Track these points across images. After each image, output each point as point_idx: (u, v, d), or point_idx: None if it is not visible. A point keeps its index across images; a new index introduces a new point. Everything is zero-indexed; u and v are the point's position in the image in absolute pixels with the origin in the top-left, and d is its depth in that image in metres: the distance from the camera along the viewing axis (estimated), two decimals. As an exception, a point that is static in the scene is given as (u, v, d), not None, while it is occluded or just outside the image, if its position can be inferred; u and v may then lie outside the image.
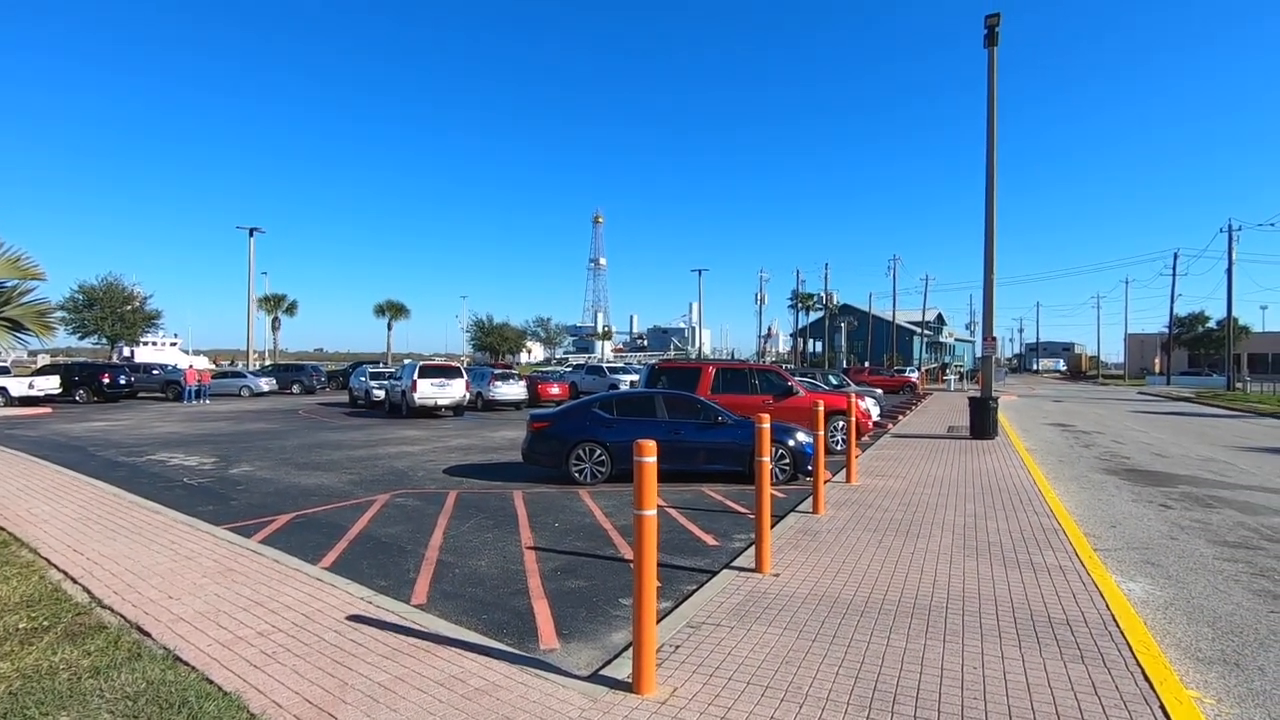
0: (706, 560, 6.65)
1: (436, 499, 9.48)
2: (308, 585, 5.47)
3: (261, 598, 5.16)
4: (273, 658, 4.13)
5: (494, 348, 76.72)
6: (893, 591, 5.46)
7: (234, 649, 4.25)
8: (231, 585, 5.43)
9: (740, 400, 14.01)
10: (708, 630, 4.67)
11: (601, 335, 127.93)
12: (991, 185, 17.44)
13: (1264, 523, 8.54)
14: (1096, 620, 4.87)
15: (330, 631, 4.53)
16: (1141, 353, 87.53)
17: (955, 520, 8.01)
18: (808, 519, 7.98)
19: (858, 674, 3.98)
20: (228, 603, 5.04)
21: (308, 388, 38.57)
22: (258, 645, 4.30)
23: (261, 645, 4.31)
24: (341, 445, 15.41)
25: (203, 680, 3.82)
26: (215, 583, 5.49)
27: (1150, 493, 10.50)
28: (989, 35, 16.98)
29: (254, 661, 4.07)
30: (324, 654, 4.19)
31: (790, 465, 10.77)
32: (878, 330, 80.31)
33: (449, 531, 7.69)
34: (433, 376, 22.81)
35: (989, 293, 17.98)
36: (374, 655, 4.17)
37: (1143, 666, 4.09)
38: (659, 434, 10.74)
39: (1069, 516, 8.43)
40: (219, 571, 5.78)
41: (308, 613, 4.86)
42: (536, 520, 8.26)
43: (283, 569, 5.88)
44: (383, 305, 59.68)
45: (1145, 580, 6.13)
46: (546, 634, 4.80)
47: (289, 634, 4.48)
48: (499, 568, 6.37)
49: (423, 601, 5.38)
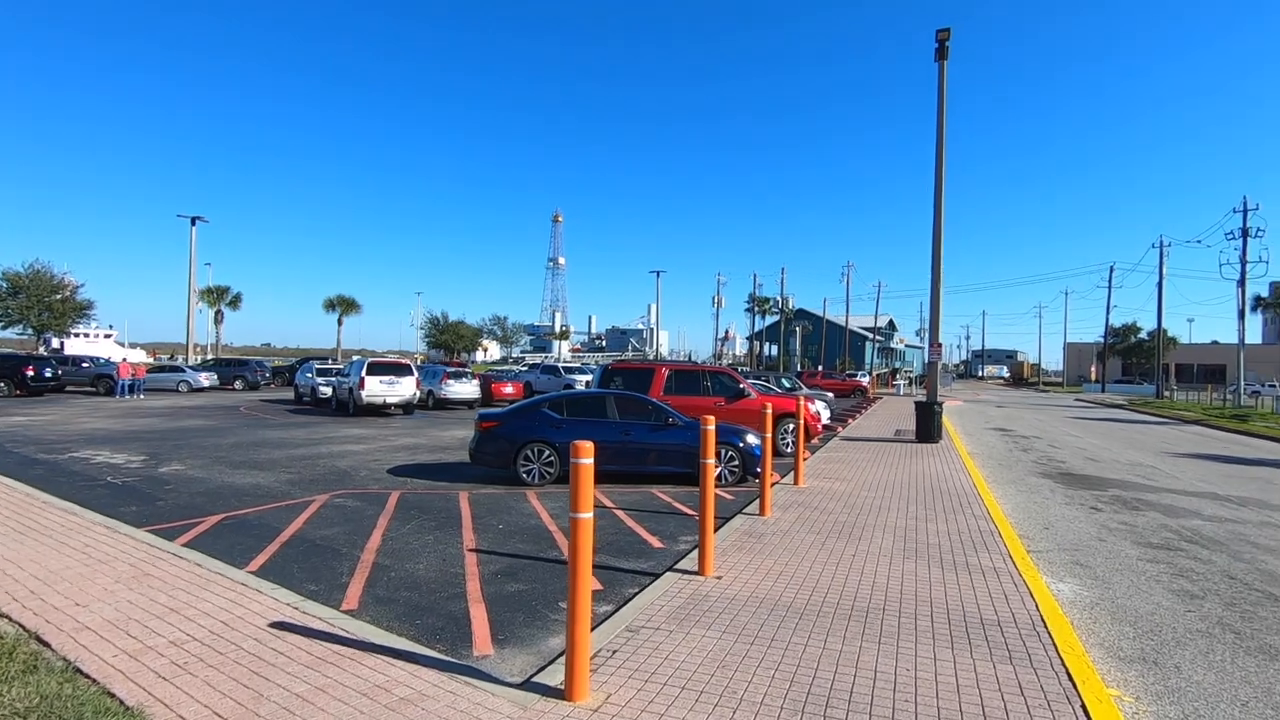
0: (651, 563, 6.60)
1: (378, 500, 9.20)
2: (230, 591, 5.21)
3: (178, 604, 4.88)
4: (183, 669, 3.89)
5: (449, 346, 75.50)
6: (832, 594, 5.49)
7: (141, 660, 3.99)
8: (146, 591, 5.13)
9: (693, 402, 14.03)
10: (646, 634, 4.61)
11: (559, 335, 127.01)
12: (939, 197, 17.90)
13: (1184, 525, 8.93)
14: (1026, 621, 4.98)
15: (250, 640, 4.31)
16: (1079, 361, 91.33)
17: (897, 522, 8.14)
18: (754, 521, 8.00)
19: (793, 678, 3.97)
20: (140, 610, 4.76)
21: (251, 384, 37.27)
22: (168, 656, 4.06)
23: (173, 656, 4.06)
24: (282, 444, 14.88)
25: (103, 694, 3.57)
26: (129, 589, 5.18)
27: (1082, 496, 10.89)
28: (939, 49, 17.43)
29: (162, 673, 3.83)
30: (240, 664, 3.97)
31: (740, 467, 10.81)
32: (831, 335, 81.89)
33: (388, 533, 7.45)
34: (382, 374, 22.25)
35: (935, 301, 18.45)
36: (295, 665, 3.98)
37: (1067, 666, 4.18)
38: (609, 435, 10.67)
39: (1005, 519, 8.66)
40: (134, 577, 5.46)
41: (227, 620, 4.62)
42: (481, 522, 8.08)
43: (205, 574, 5.59)
44: (333, 300, 58.10)
45: (1074, 581, 6.32)
46: (481, 639, 4.66)
47: (204, 643, 4.25)
48: (437, 571, 6.19)
49: (354, 607, 5.18)
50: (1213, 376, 67.78)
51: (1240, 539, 8.23)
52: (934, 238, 18.12)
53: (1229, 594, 6.09)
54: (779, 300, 78.87)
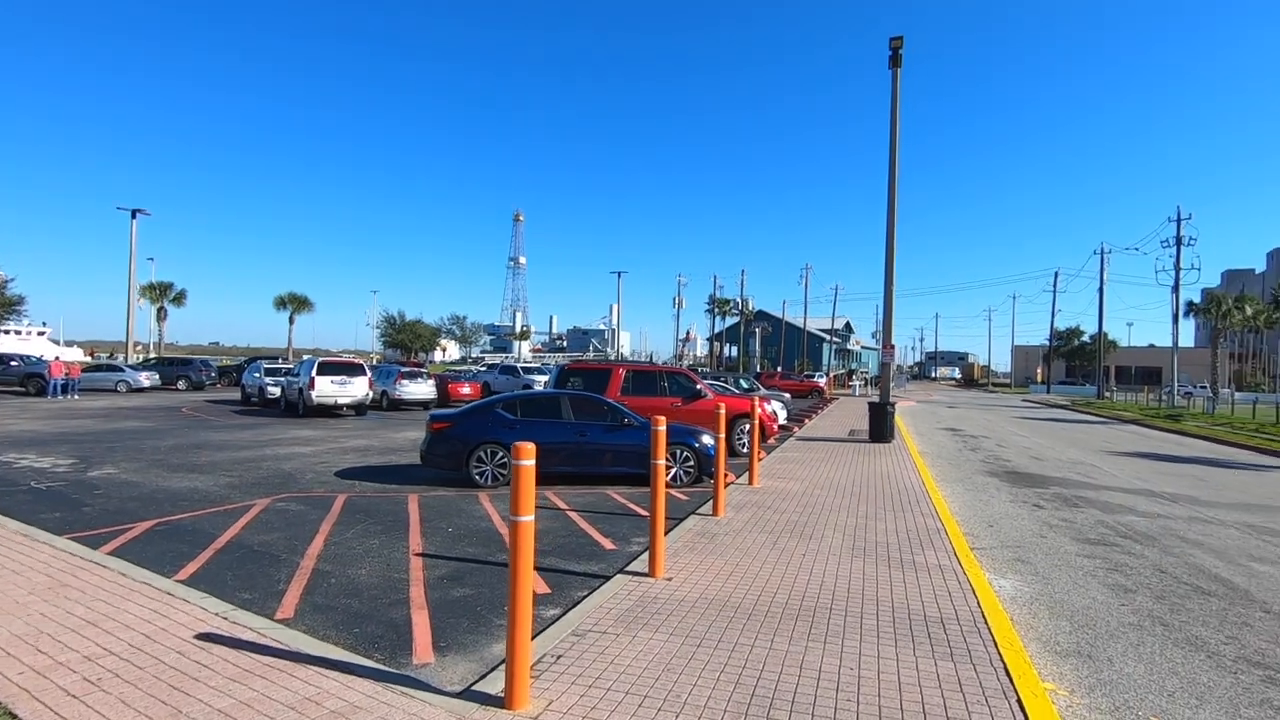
0: (602, 565, 6.52)
1: (323, 503, 8.90)
2: (155, 601, 4.94)
3: (97, 616, 4.61)
4: (97, 685, 3.66)
5: (406, 345, 74.09)
6: (781, 594, 5.50)
7: (51, 676, 3.75)
8: (63, 603, 4.83)
9: (649, 402, 13.99)
10: (593, 638, 4.53)
11: (519, 335, 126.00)
12: (892, 201, 18.26)
13: (1120, 520, 9.25)
14: (968, 617, 5.06)
15: (172, 653, 4.08)
16: (1026, 363, 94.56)
17: (848, 521, 8.23)
18: (707, 521, 8.00)
19: (738, 680, 3.94)
20: (54, 623, 4.47)
21: (195, 384, 35.91)
22: (81, 671, 3.82)
23: (85, 671, 3.82)
24: (225, 445, 14.33)
25: (4, 715, 3.33)
26: (44, 600, 4.87)
27: (1026, 494, 11.21)
28: (893, 57, 17.78)
29: (72, 690, 3.60)
30: (160, 679, 3.76)
31: (695, 467, 10.81)
32: (790, 336, 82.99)
33: (331, 538, 7.21)
34: (333, 373, 21.65)
35: (888, 303, 18.81)
36: (219, 679, 3.78)
37: (1005, 662, 4.26)
38: (564, 436, 10.57)
39: (952, 517, 8.84)
40: (50, 587, 5.14)
41: (149, 633, 4.38)
42: (429, 525, 7.89)
43: (129, 583, 5.30)
44: (284, 298, 56.36)
45: (1015, 577, 6.47)
46: (422, 647, 4.52)
47: (122, 657, 4.01)
48: (380, 576, 6.00)
49: (289, 615, 4.97)
50: (1149, 378, 70.91)
51: (1171, 534, 8.56)
52: (887, 241, 18.48)
53: (1159, 587, 6.32)
54: (739, 302, 79.63)
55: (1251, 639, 5.11)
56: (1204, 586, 6.39)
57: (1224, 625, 5.38)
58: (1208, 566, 7.09)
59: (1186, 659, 4.70)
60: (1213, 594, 6.17)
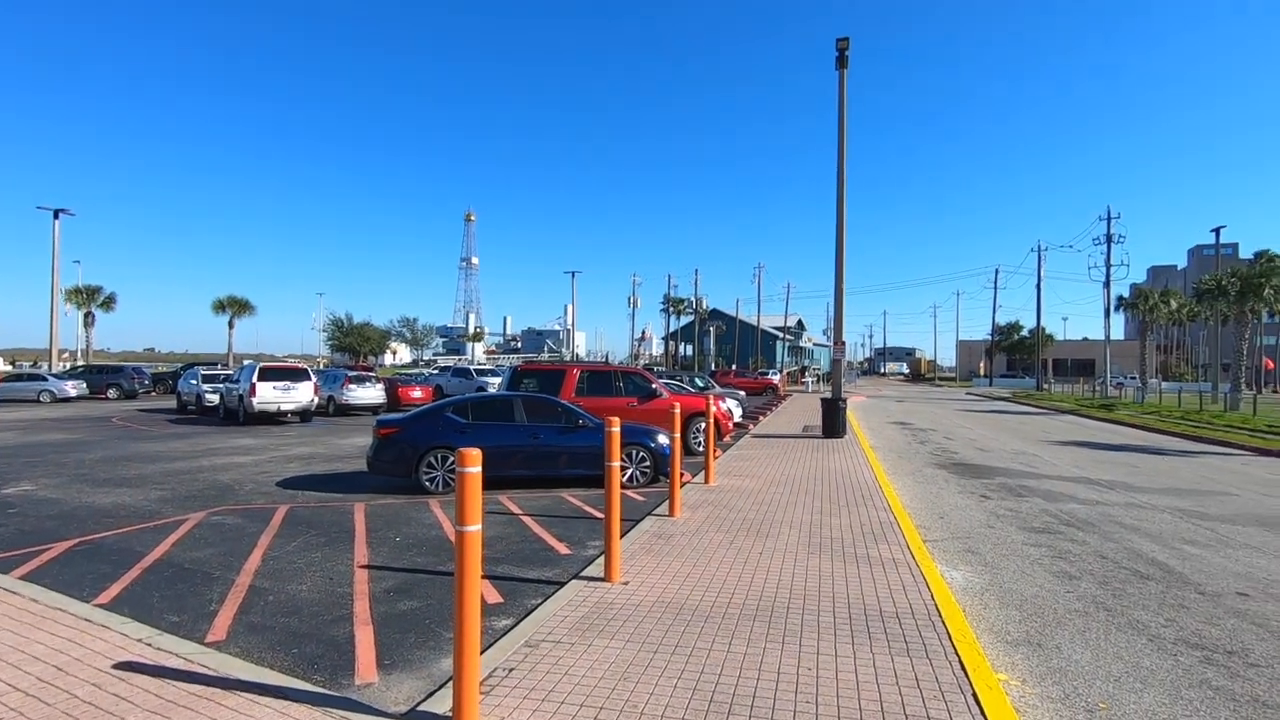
0: (556, 570, 6.36)
1: (262, 515, 8.49)
2: (70, 629, 4.58)
3: (2, 649, 4.23)
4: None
5: (354, 349, 72.10)
6: (739, 594, 5.45)
7: (-56, 719, 3.40)
8: (-36, 635, 4.43)
9: (605, 403, 13.86)
10: (547, 648, 4.38)
11: (472, 337, 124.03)
12: (841, 201, 18.54)
13: (1062, 509, 9.55)
14: (922, 611, 5.09)
15: (86, 686, 3.77)
16: (970, 357, 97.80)
17: (803, 518, 8.26)
18: (663, 522, 7.91)
19: (696, 685, 3.85)
20: (-48, 658, 4.09)
21: (127, 392, 34.13)
22: (-20, 711, 3.48)
23: (-14, 711, 3.49)
24: (158, 457, 13.60)
25: (-114, 765, 3.00)
26: (-58, 633, 4.46)
27: (973, 485, 11.49)
28: (839, 58, 18.05)
29: (-31, 733, 3.28)
30: (71, 714, 3.45)
31: (651, 468, 10.73)
32: (744, 334, 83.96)
33: (270, 552, 6.86)
34: (275, 379, 20.84)
35: (839, 300, 19.10)
36: (139, 712, 3.50)
37: (959, 655, 4.28)
38: (518, 439, 10.35)
39: (904, 510, 8.97)
40: (-50, 618, 4.71)
41: (61, 664, 4.04)
42: (376, 535, 7.59)
43: (40, 610, 4.91)
44: (223, 301, 53.99)
45: (966, 568, 6.58)
46: (365, 665, 4.29)
47: (29, 693, 3.68)
48: (322, 591, 5.72)
49: (220, 638, 4.67)
50: (1084, 370, 74.20)
51: (1110, 520, 8.86)
52: (837, 240, 18.75)
53: (1101, 573, 6.50)
54: (693, 301, 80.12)
55: (1188, 621, 5.28)
56: (1142, 571, 6.61)
57: (1162, 608, 5.55)
58: (1145, 551, 7.34)
59: (1130, 643, 4.82)
60: (1151, 578, 6.39)
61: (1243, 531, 8.37)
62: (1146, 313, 52.50)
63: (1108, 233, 45.30)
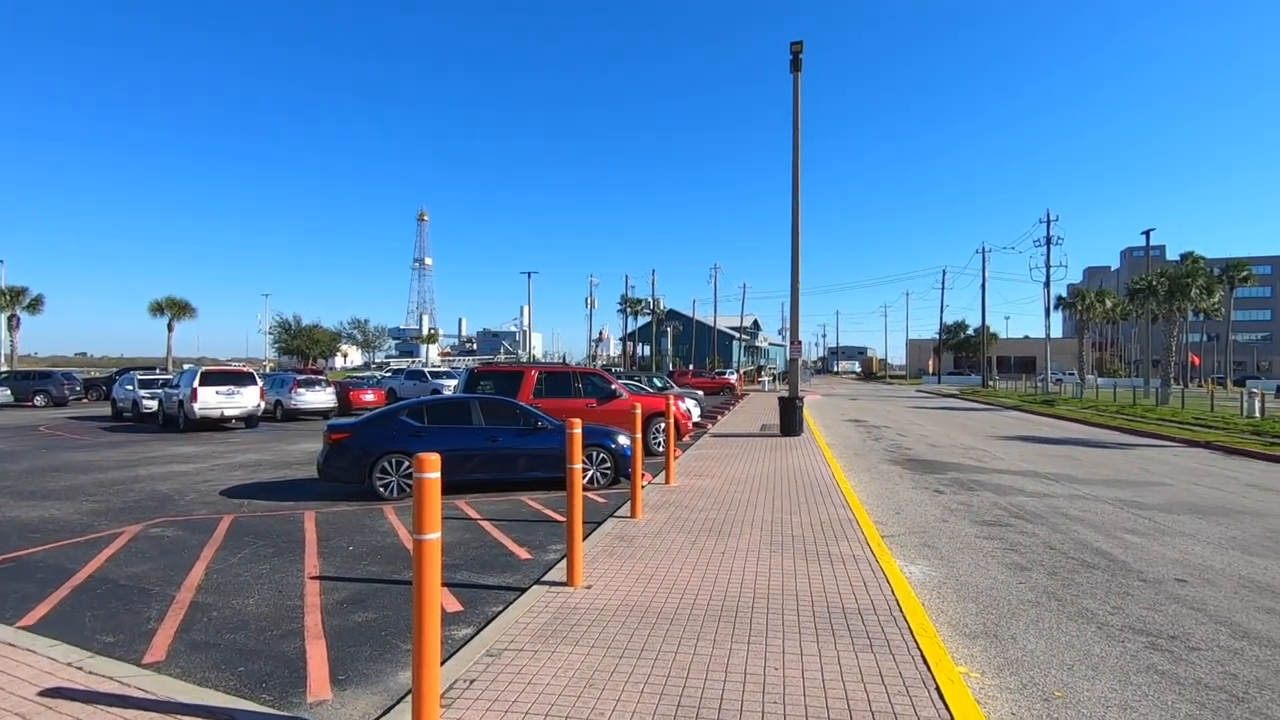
0: (518, 576, 6.23)
1: (205, 526, 8.10)
2: (-9, 654, 4.26)
3: (-88, 678, 3.90)
4: (-94, 765, 3.07)
5: (303, 351, 69.97)
6: (703, 595, 5.42)
7: None
8: None
9: (564, 404, 13.72)
10: (509, 657, 4.26)
11: (427, 338, 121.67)
12: (796, 203, 18.80)
13: (1012, 502, 9.84)
14: (884, 607, 5.15)
15: (10, 716, 3.50)
16: (919, 355, 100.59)
17: (764, 517, 8.30)
18: (625, 524, 7.85)
19: (663, 690, 3.80)
20: None
21: (56, 399, 32.33)
22: (-114, 749, 3.19)
23: (-107, 748, 3.20)
24: (90, 467, 12.88)
25: None
26: None
27: (926, 480, 11.76)
28: (794, 61, 18.30)
29: (-128, 774, 3.00)
30: (-8, 749, 3.20)
31: (612, 469, 10.65)
32: (701, 335, 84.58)
33: (214, 565, 6.54)
34: (218, 383, 20.00)
35: (794, 301, 19.36)
36: (69, 741, 3.26)
37: (922, 650, 4.33)
38: (475, 442, 10.15)
39: (862, 506, 9.11)
40: None
41: (-20, 693, 3.74)
42: (328, 544, 7.31)
43: (-43, 635, 4.55)
44: (161, 303, 51.67)
45: (924, 563, 6.70)
46: (318, 682, 4.11)
47: (-57, 726, 3.39)
48: (271, 605, 5.47)
49: (160, 658, 4.40)
50: (1026, 367, 77.02)
51: (1056, 512, 9.17)
52: (792, 242, 19.00)
53: (1051, 564, 6.70)
54: (650, 302, 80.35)
55: (1133, 608, 5.47)
56: (1089, 560, 6.84)
57: (1109, 596, 5.75)
58: (1090, 541, 7.61)
59: (1080, 631, 4.97)
60: (1097, 567, 6.61)
61: (1178, 520, 8.76)
62: (1083, 312, 54.85)
63: (1047, 235, 47.15)
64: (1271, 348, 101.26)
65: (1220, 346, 76.89)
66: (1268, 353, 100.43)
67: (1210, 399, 30.97)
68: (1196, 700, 3.93)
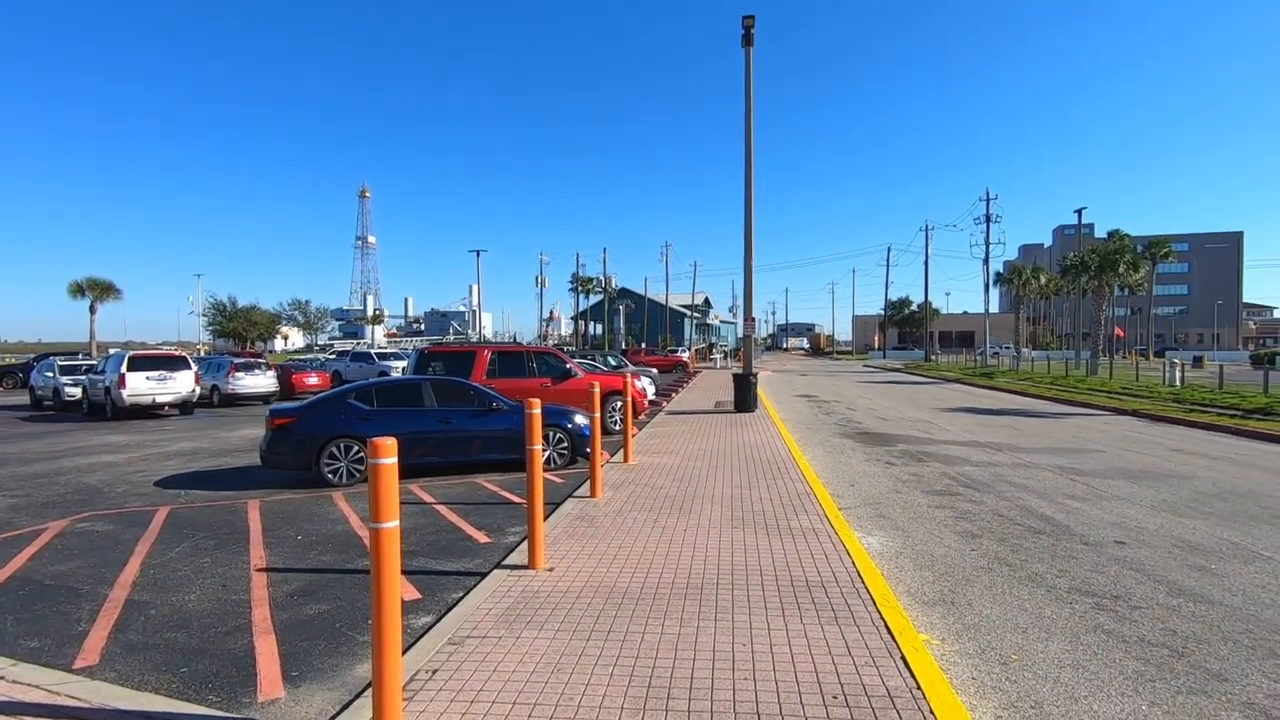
0: (477, 561, 6.08)
1: (139, 519, 7.66)
2: (-102, 666, 3.90)
3: None
4: None
5: (240, 334, 67.15)
6: (667, 573, 5.38)
7: None
8: None
9: (518, 384, 13.49)
10: (472, 644, 4.14)
11: (372, 319, 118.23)
12: (749, 180, 18.80)
13: (959, 471, 10.15)
14: (846, 579, 5.21)
15: (-79, 733, 3.20)
16: (865, 331, 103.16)
17: (724, 492, 8.34)
18: (585, 503, 7.76)
19: (632, 671, 3.74)
20: None
21: (-34, 388, 30.19)
22: None
23: None
24: (8, 459, 12.04)
25: None
26: None
27: (878, 452, 12.04)
28: (745, 35, 18.16)
29: None
30: (-99, 771, 2.91)
31: (569, 449, 10.53)
32: (653, 312, 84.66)
33: (151, 560, 6.17)
34: (148, 368, 18.95)
35: (748, 278, 19.45)
36: (-9, 758, 3.00)
37: (885, 620, 4.39)
38: (428, 425, 9.88)
39: (818, 480, 9.25)
40: None
41: (-114, 710, 3.42)
42: (274, 534, 7.00)
43: None
44: (81, 284, 48.56)
45: (880, 533, 6.83)
46: (269, 680, 3.90)
47: None
48: (215, 600, 5.19)
49: (92, 662, 4.12)
50: (966, 342, 79.90)
51: (1002, 480, 9.50)
52: (745, 219, 19.02)
53: (1000, 530, 6.93)
54: (602, 280, 79.85)
55: (1078, 570, 5.70)
56: (1035, 526, 7.10)
57: (1055, 560, 5.97)
58: (1035, 507, 7.90)
59: (1031, 595, 5.13)
60: (1042, 532, 6.87)
61: (1113, 484, 9.19)
62: (1020, 287, 57.02)
63: (987, 213, 48.70)
64: (1189, 321, 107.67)
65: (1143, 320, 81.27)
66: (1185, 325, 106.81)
67: (1135, 369, 32.71)
68: (1141, 657, 4.10)
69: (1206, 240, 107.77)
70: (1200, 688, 3.75)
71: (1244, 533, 6.81)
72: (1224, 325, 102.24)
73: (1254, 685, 3.77)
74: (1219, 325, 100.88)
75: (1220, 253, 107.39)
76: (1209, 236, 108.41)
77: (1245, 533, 6.81)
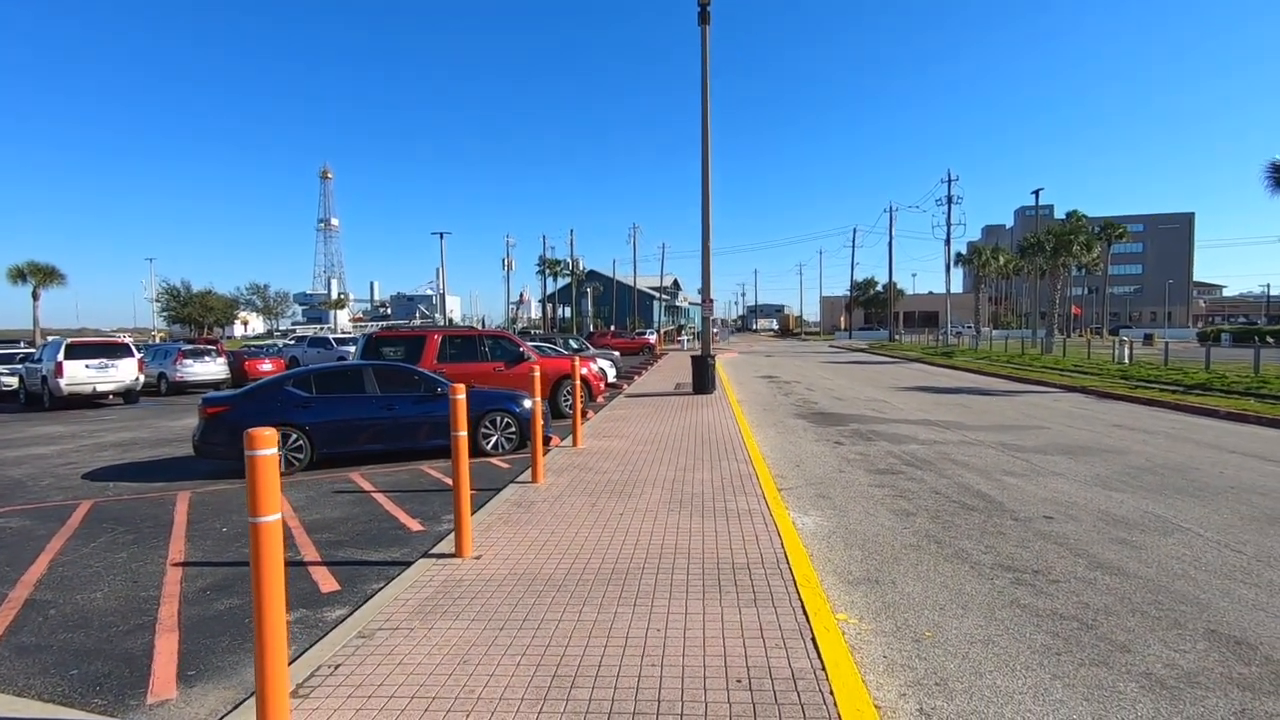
0: (405, 550, 5.95)
1: (57, 514, 7.35)
2: None
3: None
4: None
5: (195, 320, 65.25)
6: (595, 559, 5.32)
7: None
8: None
9: (470, 369, 13.29)
10: (382, 637, 4.03)
11: (335, 304, 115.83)
12: (705, 158, 18.64)
13: (905, 450, 10.27)
14: (771, 560, 5.20)
15: None
16: (832, 312, 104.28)
17: (667, 475, 8.30)
18: (525, 489, 7.66)
19: (540, 661, 3.67)
20: None
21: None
22: None
23: None
24: (-72, 454, 11.49)
25: None
26: None
27: (828, 432, 12.13)
28: (701, 13, 17.91)
29: None
30: None
31: (517, 434, 10.39)
32: (621, 295, 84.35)
33: (61, 557, 5.92)
34: (87, 356, 18.23)
35: (705, 258, 19.36)
36: None
37: (802, 600, 4.39)
38: (370, 411, 9.66)
39: (764, 461, 9.27)
40: None
41: None
42: (199, 527, 6.77)
43: None
44: (22, 268, 46.49)
45: (817, 513, 6.86)
46: (162, 680, 3.75)
47: None
48: (122, 597, 4.99)
49: (-25, 667, 3.91)
50: (930, 321, 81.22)
51: (945, 458, 9.63)
52: (703, 198, 18.89)
53: (934, 508, 7.01)
54: (570, 262, 79.18)
55: (1004, 546, 5.78)
56: (969, 503, 7.19)
57: (984, 536, 6.05)
58: (972, 484, 8.02)
59: (955, 572, 5.19)
60: (975, 509, 6.96)
61: (1051, 460, 9.38)
62: (981, 267, 57.99)
63: (948, 194, 49.32)
64: (1142, 299, 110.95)
65: (1099, 299, 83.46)
66: (1139, 304, 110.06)
67: (1088, 347, 33.57)
68: (1051, 630, 4.16)
69: (1160, 221, 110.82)
70: (1103, 659, 3.81)
71: (1167, 505, 6.99)
72: (1175, 304, 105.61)
73: (1154, 655, 3.84)
74: (1171, 304, 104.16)
75: (1173, 233, 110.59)
76: (1162, 218, 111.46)
77: (1168, 505, 6.99)
